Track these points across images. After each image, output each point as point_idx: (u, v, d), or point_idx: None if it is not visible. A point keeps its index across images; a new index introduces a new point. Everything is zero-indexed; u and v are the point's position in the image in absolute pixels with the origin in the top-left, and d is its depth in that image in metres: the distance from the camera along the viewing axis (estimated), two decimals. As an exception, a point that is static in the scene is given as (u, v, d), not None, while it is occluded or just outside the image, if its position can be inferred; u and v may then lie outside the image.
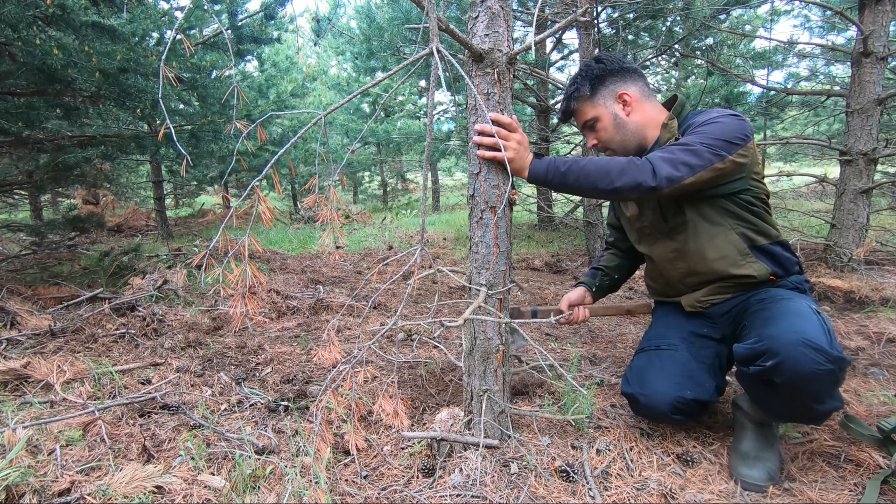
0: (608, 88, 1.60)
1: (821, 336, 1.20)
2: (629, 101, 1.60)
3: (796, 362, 1.18)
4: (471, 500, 1.29)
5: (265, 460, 1.48)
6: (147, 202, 9.49)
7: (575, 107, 1.65)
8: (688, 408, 1.45)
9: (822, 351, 1.17)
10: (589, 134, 1.68)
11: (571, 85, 1.66)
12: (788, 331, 1.22)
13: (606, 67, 1.60)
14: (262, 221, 1.17)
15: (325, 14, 11.84)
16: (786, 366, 1.19)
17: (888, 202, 6.41)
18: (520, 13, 5.64)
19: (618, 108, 1.61)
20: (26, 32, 2.87)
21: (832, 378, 1.19)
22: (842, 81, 7.34)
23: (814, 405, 1.24)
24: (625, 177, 1.37)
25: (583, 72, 1.64)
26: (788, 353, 1.19)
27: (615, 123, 1.61)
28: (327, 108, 1.45)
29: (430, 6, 1.12)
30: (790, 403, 1.28)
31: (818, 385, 1.19)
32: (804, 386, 1.20)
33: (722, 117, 1.44)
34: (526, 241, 6.17)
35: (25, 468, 1.36)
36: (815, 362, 1.16)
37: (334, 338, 1.44)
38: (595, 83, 1.61)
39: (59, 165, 3.65)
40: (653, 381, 1.50)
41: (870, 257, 3.85)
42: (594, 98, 1.62)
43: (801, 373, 1.18)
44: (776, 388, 1.25)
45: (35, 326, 2.58)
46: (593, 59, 1.64)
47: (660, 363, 1.55)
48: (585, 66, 1.64)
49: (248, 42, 6.73)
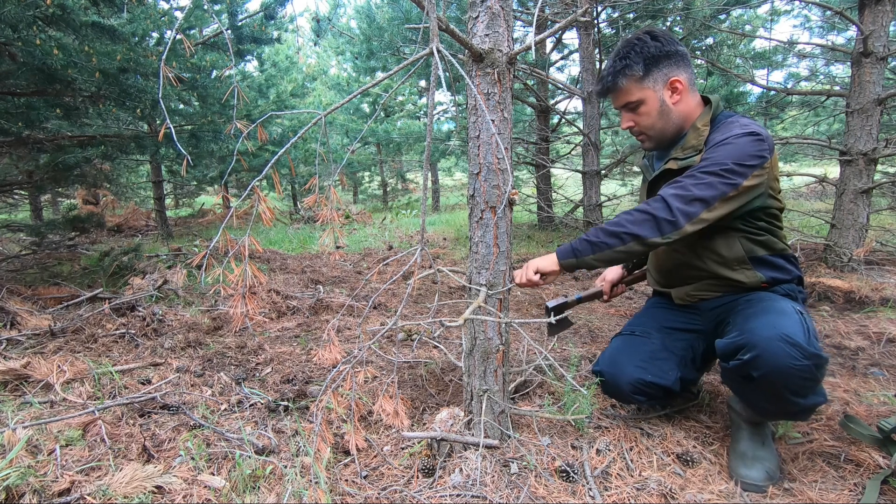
0: (661, 71, 1.46)
1: (798, 333, 1.22)
2: (680, 88, 1.48)
3: (773, 356, 1.20)
4: (471, 500, 1.29)
5: (265, 460, 1.48)
6: (147, 202, 9.49)
7: (622, 85, 1.49)
8: (648, 389, 1.51)
9: (798, 346, 1.19)
10: (627, 115, 1.55)
11: (620, 59, 1.48)
12: (767, 326, 1.25)
13: (663, 47, 1.45)
14: (263, 221, 1.17)
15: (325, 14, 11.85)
16: (762, 359, 1.22)
17: (888, 202, 6.41)
18: (520, 13, 5.64)
19: (666, 95, 1.48)
20: (26, 32, 2.87)
21: (809, 374, 1.21)
22: (842, 81, 7.34)
23: (795, 399, 1.26)
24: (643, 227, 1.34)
25: (636, 46, 1.46)
26: (766, 346, 1.21)
27: (660, 110, 1.50)
28: (327, 108, 1.45)
29: (430, 6, 1.12)
30: (771, 398, 1.29)
31: (795, 380, 1.21)
32: (781, 380, 1.22)
33: (738, 137, 1.36)
34: (526, 241, 6.17)
35: (25, 468, 1.36)
36: (791, 357, 1.19)
37: (334, 338, 1.44)
38: (649, 63, 1.45)
39: (59, 165, 3.65)
40: (620, 362, 1.58)
41: (870, 257, 3.85)
42: (645, 79, 1.47)
43: (778, 367, 1.20)
44: (755, 383, 1.27)
45: (35, 326, 2.58)
46: (647, 35, 1.46)
47: (630, 346, 1.62)
48: (638, 40, 1.46)
49: (248, 42, 6.73)
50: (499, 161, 1.40)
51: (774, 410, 1.34)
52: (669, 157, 1.54)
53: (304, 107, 10.59)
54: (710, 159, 1.36)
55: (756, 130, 1.37)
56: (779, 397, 1.26)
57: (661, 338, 1.61)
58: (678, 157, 1.50)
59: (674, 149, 1.54)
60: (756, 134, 1.36)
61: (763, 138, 1.36)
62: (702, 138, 1.46)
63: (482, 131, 1.39)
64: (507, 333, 1.55)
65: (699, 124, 1.49)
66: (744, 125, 1.40)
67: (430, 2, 1.12)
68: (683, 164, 1.47)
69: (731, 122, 1.44)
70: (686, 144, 1.50)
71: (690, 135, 1.49)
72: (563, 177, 9.84)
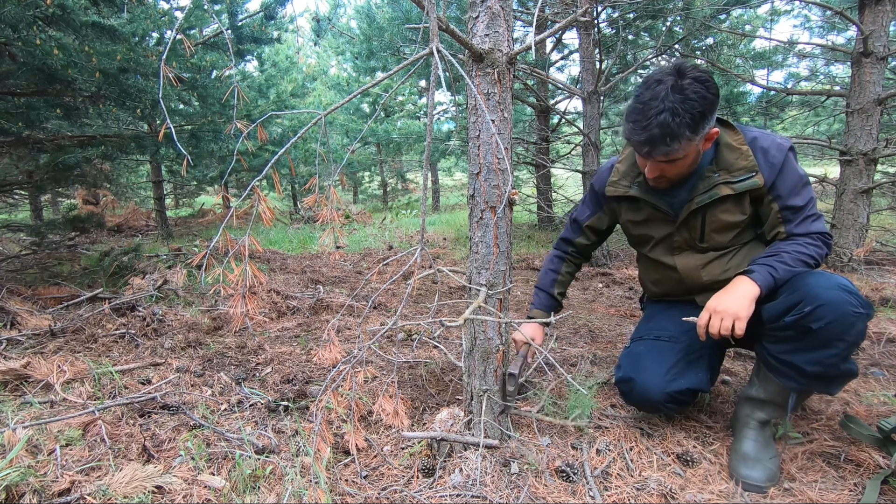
0: (708, 125, 1.34)
1: (851, 284, 1.29)
2: (714, 136, 1.41)
3: (836, 304, 1.23)
4: (471, 500, 1.29)
5: (265, 460, 1.48)
6: (147, 202, 9.49)
7: (677, 148, 1.33)
8: (683, 397, 1.48)
9: (856, 295, 1.26)
10: (657, 166, 1.42)
11: (674, 116, 1.28)
12: (823, 280, 1.29)
13: (715, 102, 1.32)
14: (263, 221, 1.17)
15: (325, 14, 11.85)
16: (826, 308, 1.24)
17: (888, 202, 6.41)
18: (520, 13, 5.64)
19: (703, 145, 1.40)
20: (26, 32, 2.87)
21: (863, 325, 1.26)
22: (842, 81, 7.34)
23: (841, 358, 1.27)
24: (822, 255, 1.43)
25: (692, 102, 1.28)
26: (828, 296, 1.24)
27: (694, 160, 1.43)
28: (327, 108, 1.46)
29: (430, 6, 1.12)
30: (821, 355, 1.27)
31: (853, 330, 1.25)
32: (842, 329, 1.24)
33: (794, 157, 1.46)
34: (526, 241, 6.17)
35: (25, 468, 1.36)
36: (852, 304, 1.24)
37: (334, 338, 1.44)
38: (706, 121, 1.32)
39: (59, 165, 3.65)
40: (649, 368, 1.51)
41: (870, 257, 3.85)
42: (695, 138, 1.33)
43: (841, 314, 1.23)
44: (811, 337, 1.27)
45: (35, 326, 2.58)
46: (700, 84, 1.28)
47: (658, 352, 1.56)
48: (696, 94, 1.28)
49: (248, 42, 6.73)
50: (499, 161, 1.40)
51: (813, 374, 1.30)
52: (715, 182, 1.46)
53: (304, 107, 10.59)
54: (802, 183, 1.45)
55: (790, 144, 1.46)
56: (829, 353, 1.26)
57: (687, 339, 1.57)
58: (729, 181, 1.45)
59: (708, 172, 1.47)
60: (793, 147, 1.46)
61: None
62: (751, 158, 1.43)
63: (482, 131, 1.39)
64: (507, 333, 1.55)
65: (734, 143, 1.45)
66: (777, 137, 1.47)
67: (430, 2, 1.12)
68: (743, 186, 1.44)
69: (763, 135, 1.48)
70: (733, 166, 1.44)
71: (729, 155, 1.45)
72: (563, 177, 9.84)
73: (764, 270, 1.35)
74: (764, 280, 1.34)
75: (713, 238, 1.54)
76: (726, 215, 1.49)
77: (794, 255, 1.38)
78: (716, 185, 1.46)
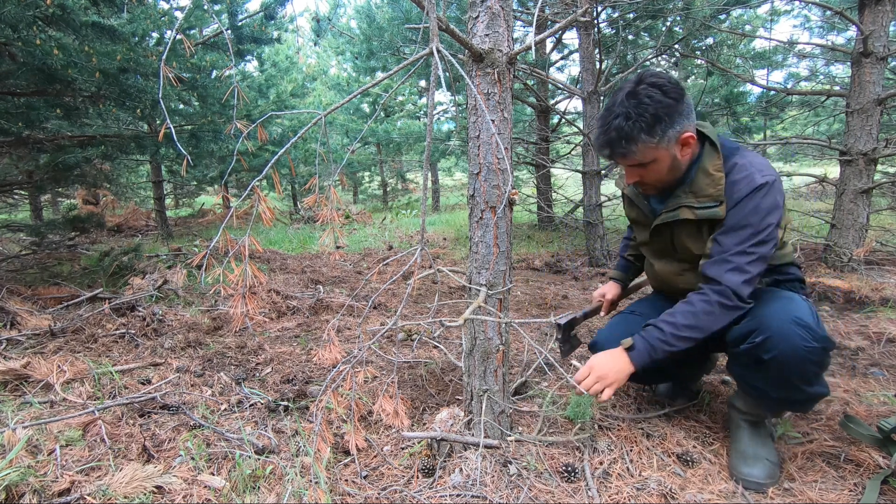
0: (674, 129, 1.31)
1: (808, 316, 1.27)
2: (691, 143, 1.35)
3: (785, 337, 1.24)
4: (471, 500, 1.29)
5: (265, 460, 1.48)
6: (147, 202, 9.49)
7: (635, 151, 1.33)
8: None
9: (809, 328, 1.23)
10: (633, 171, 1.42)
11: (627, 119, 1.30)
12: (778, 310, 1.29)
13: (677, 105, 1.30)
14: (263, 221, 1.17)
15: (325, 14, 11.85)
16: (775, 340, 1.25)
17: (888, 202, 6.41)
18: (520, 13, 5.64)
19: (677, 150, 1.35)
20: (26, 32, 2.87)
21: (818, 357, 1.24)
22: (842, 81, 7.34)
23: (801, 385, 1.28)
24: (723, 321, 1.32)
25: (647, 107, 1.29)
26: (778, 327, 1.25)
27: (671, 166, 1.38)
28: (327, 108, 1.46)
29: (430, 6, 1.12)
30: (778, 383, 1.30)
31: (804, 363, 1.24)
32: (792, 362, 1.25)
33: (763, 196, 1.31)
34: (526, 241, 6.17)
35: (25, 468, 1.36)
36: (803, 339, 1.23)
37: (334, 338, 1.44)
38: (664, 124, 1.30)
39: (59, 165, 3.65)
40: (610, 331, 1.67)
41: (870, 257, 3.85)
42: (660, 142, 1.31)
43: (790, 348, 1.23)
44: (765, 367, 1.28)
45: (35, 326, 2.58)
46: (656, 89, 1.29)
47: (623, 322, 1.69)
48: (649, 98, 1.29)
49: (248, 42, 6.73)
50: (499, 161, 1.40)
51: (779, 398, 1.34)
52: (681, 204, 1.43)
53: (304, 107, 10.59)
54: (750, 226, 1.31)
55: (771, 181, 1.32)
56: (786, 382, 1.28)
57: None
58: (693, 205, 1.40)
59: (680, 191, 1.45)
60: (772, 185, 1.31)
61: (777, 186, 1.32)
62: (720, 187, 1.36)
63: (482, 131, 1.39)
64: (507, 333, 1.55)
65: (710, 168, 1.38)
66: (759, 171, 1.33)
67: (430, 2, 1.12)
68: (703, 214, 1.38)
69: (745, 164, 1.36)
70: (700, 192, 1.39)
71: (702, 180, 1.39)
72: (563, 177, 9.84)
73: (644, 348, 1.37)
74: (640, 360, 1.37)
75: (684, 252, 1.52)
76: (687, 240, 1.47)
77: (678, 324, 1.34)
78: (680, 207, 1.43)
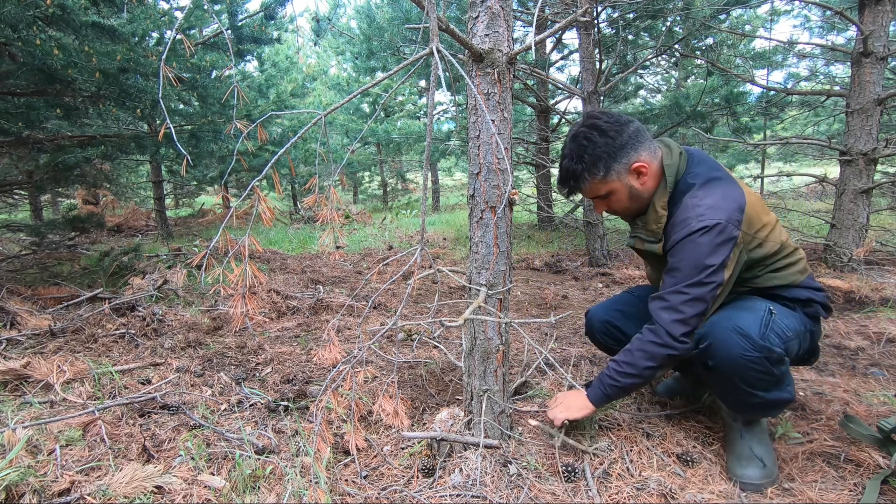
0: (621, 163, 1.39)
1: (753, 326, 1.28)
2: (644, 171, 1.40)
3: (724, 345, 1.28)
4: (471, 500, 1.29)
5: (265, 460, 1.48)
6: (147, 202, 9.49)
7: (585, 187, 1.44)
8: (615, 332, 1.69)
9: (748, 338, 1.26)
10: (599, 202, 1.51)
11: (575, 162, 1.40)
12: (724, 318, 1.32)
13: (614, 142, 1.37)
14: (262, 221, 1.17)
15: (325, 14, 11.85)
16: (714, 348, 1.29)
17: (888, 202, 6.41)
18: (520, 13, 5.64)
19: (633, 180, 1.41)
20: (26, 32, 2.87)
21: (760, 366, 1.26)
22: (842, 81, 7.35)
23: (752, 391, 1.30)
24: (656, 359, 1.34)
25: (587, 149, 1.38)
26: (718, 335, 1.29)
27: (630, 195, 1.44)
28: (327, 108, 1.46)
29: (430, 6, 1.12)
30: (728, 388, 1.34)
31: (745, 371, 1.27)
32: (732, 370, 1.28)
33: (700, 235, 1.28)
34: (526, 241, 6.17)
35: (25, 468, 1.36)
36: (741, 347, 1.26)
37: (334, 338, 1.44)
38: (606, 161, 1.38)
39: (59, 165, 3.65)
40: (601, 306, 1.76)
41: (870, 257, 3.85)
42: (607, 176, 1.40)
43: (729, 356, 1.27)
44: (713, 373, 1.33)
45: (35, 326, 2.58)
46: (594, 131, 1.38)
47: (619, 298, 1.77)
48: (587, 140, 1.38)
49: (248, 42, 6.73)
50: (499, 161, 1.40)
51: (735, 402, 1.38)
52: (636, 233, 1.51)
53: (304, 107, 10.59)
54: (683, 269, 1.31)
55: (710, 224, 1.27)
56: (735, 387, 1.31)
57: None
58: (642, 236, 1.48)
59: (639, 219, 1.50)
60: (711, 228, 1.27)
61: (719, 228, 1.27)
62: (660, 225, 1.41)
63: (482, 131, 1.39)
64: (507, 333, 1.56)
65: (658, 206, 1.41)
66: (699, 215, 1.30)
67: (430, 2, 1.12)
68: (647, 248, 1.46)
69: (688, 206, 1.34)
70: (647, 226, 1.45)
71: (651, 215, 1.44)
72: (563, 177, 9.83)
73: (598, 386, 1.45)
74: (595, 397, 1.46)
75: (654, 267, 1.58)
76: (649, 268, 1.62)
77: (620, 362, 1.40)
78: (635, 237, 1.52)
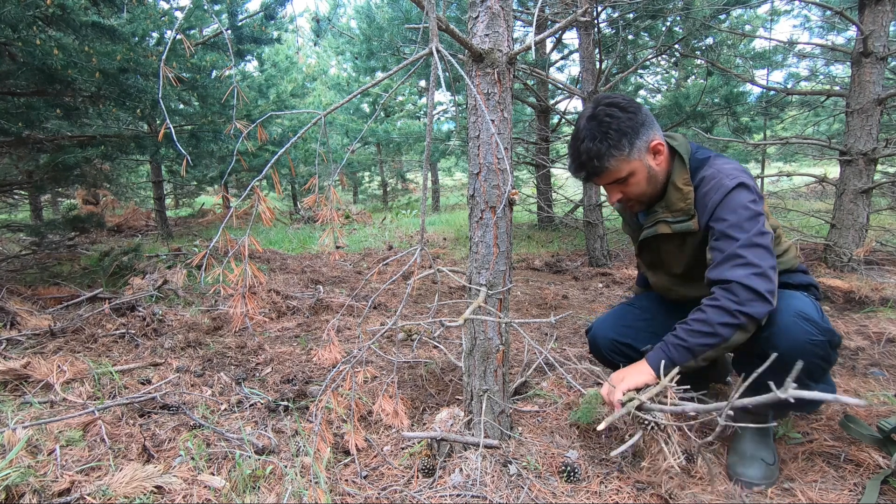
0: (642, 139, 1.38)
1: (812, 311, 1.28)
2: (661, 150, 1.41)
3: (790, 331, 1.25)
4: (471, 500, 1.29)
5: (265, 460, 1.48)
6: (147, 202, 9.49)
7: (611, 166, 1.38)
8: (624, 348, 1.63)
9: (813, 322, 1.25)
10: (615, 188, 1.46)
11: (600, 140, 1.36)
12: (783, 305, 1.29)
13: (636, 117, 1.37)
14: (262, 221, 1.17)
15: (325, 14, 11.84)
16: (780, 335, 1.25)
17: (888, 202, 6.41)
18: (520, 13, 5.64)
19: (650, 160, 1.41)
20: (26, 32, 2.87)
21: (824, 351, 1.25)
22: (842, 81, 7.35)
23: (807, 382, 1.29)
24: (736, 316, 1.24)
25: (611, 124, 1.36)
26: (783, 321, 1.26)
27: (649, 177, 1.42)
28: (327, 108, 1.46)
29: (430, 6, 1.12)
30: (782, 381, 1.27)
31: (811, 357, 1.24)
32: (797, 358, 1.21)
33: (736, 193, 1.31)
34: (526, 241, 6.17)
35: (25, 468, 1.36)
36: (808, 332, 1.24)
37: (334, 338, 1.44)
38: (631, 136, 1.36)
39: (59, 165, 3.65)
40: (607, 320, 1.70)
41: (870, 257, 3.85)
42: (630, 154, 1.37)
43: (795, 342, 1.24)
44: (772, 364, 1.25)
45: (35, 326, 2.58)
46: (615, 107, 1.37)
47: (621, 313, 1.71)
48: (609, 116, 1.36)
49: (248, 42, 6.72)
50: (499, 161, 1.40)
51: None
52: (658, 219, 1.47)
53: (304, 107, 10.59)
54: (738, 219, 1.30)
55: (742, 181, 1.33)
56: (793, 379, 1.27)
57: (654, 313, 1.66)
58: (668, 220, 1.45)
59: (658, 206, 1.48)
60: (744, 184, 1.32)
61: (749, 184, 1.33)
62: (689, 201, 1.40)
63: (482, 131, 1.39)
64: (507, 333, 1.56)
65: (679, 183, 1.42)
66: (727, 175, 1.34)
67: (430, 2, 1.12)
68: (678, 228, 1.42)
69: (713, 173, 1.38)
70: (673, 206, 1.43)
71: (674, 195, 1.43)
72: (563, 177, 9.84)
73: (662, 350, 1.34)
74: (656, 361, 1.33)
75: (670, 266, 1.55)
76: (669, 255, 1.52)
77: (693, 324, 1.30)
78: (657, 222, 1.47)
